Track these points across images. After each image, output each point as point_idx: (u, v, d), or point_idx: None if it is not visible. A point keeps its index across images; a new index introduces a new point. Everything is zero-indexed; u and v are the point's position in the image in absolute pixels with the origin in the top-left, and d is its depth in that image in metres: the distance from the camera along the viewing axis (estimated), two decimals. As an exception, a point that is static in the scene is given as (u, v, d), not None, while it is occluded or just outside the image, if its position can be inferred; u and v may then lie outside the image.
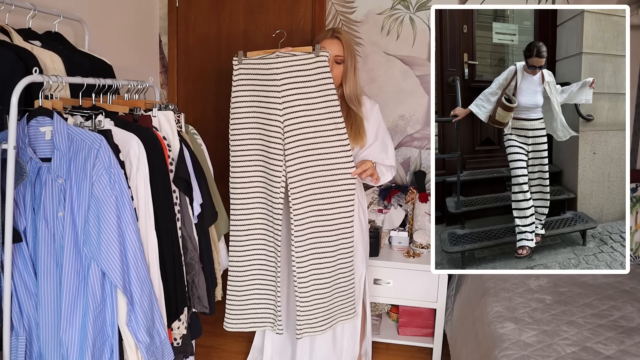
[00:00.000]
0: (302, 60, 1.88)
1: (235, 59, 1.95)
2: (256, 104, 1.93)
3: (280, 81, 1.88)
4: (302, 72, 1.88)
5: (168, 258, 1.68)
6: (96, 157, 1.42)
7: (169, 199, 1.71)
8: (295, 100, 1.88)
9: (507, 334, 1.77)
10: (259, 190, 1.98)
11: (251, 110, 1.94)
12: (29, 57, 1.60)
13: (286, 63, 1.88)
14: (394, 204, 2.79)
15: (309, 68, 1.89)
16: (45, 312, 1.48)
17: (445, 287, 2.51)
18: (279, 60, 1.88)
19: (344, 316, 2.04)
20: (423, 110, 2.88)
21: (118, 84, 1.78)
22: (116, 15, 2.58)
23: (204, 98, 3.04)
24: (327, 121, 1.91)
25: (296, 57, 1.88)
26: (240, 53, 1.94)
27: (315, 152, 1.91)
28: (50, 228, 1.45)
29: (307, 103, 1.89)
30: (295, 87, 1.89)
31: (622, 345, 1.69)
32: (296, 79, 1.88)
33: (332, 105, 1.91)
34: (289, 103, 1.88)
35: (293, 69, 1.88)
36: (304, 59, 1.88)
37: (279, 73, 1.87)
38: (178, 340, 1.78)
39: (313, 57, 1.88)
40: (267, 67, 1.89)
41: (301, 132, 1.90)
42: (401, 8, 2.81)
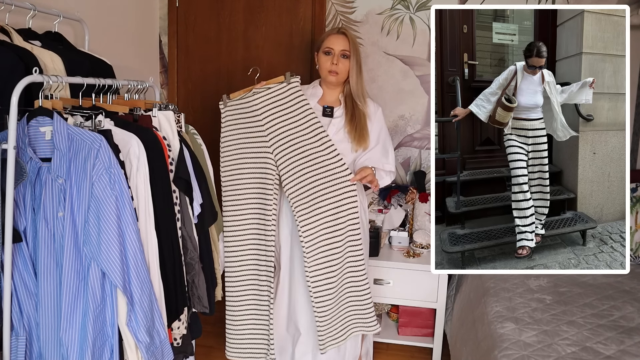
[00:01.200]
0: (276, 91, 2.04)
1: (221, 102, 2.10)
2: (244, 142, 2.06)
3: (261, 116, 2.03)
4: (278, 102, 2.03)
5: (168, 258, 1.68)
6: (96, 157, 1.42)
7: (169, 199, 1.71)
8: (279, 129, 2.02)
9: (507, 334, 1.77)
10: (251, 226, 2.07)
11: (240, 149, 2.06)
12: (29, 57, 1.59)
13: (262, 98, 2.03)
14: (394, 204, 2.79)
15: (284, 97, 2.03)
16: (45, 312, 1.48)
17: (445, 287, 2.51)
18: (255, 97, 2.03)
19: (363, 327, 2.09)
20: (423, 110, 2.88)
21: (118, 84, 1.78)
22: (116, 15, 2.58)
23: (204, 98, 3.04)
24: (314, 139, 2.02)
25: (270, 90, 2.04)
26: (225, 97, 2.09)
27: (312, 171, 2.00)
28: (50, 228, 1.45)
29: (291, 129, 2.02)
30: (276, 118, 2.03)
31: (622, 345, 1.69)
32: (275, 110, 2.03)
33: (314, 124, 2.02)
34: (274, 134, 2.02)
35: (270, 102, 2.03)
36: (278, 89, 2.04)
37: (259, 109, 2.03)
38: (178, 340, 1.78)
39: (285, 86, 2.04)
40: (247, 106, 2.05)
41: (294, 158, 2.01)
42: (401, 8, 2.81)
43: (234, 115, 2.07)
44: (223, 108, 2.09)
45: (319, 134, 2.01)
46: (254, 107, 2.04)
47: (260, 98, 2.03)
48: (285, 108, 2.03)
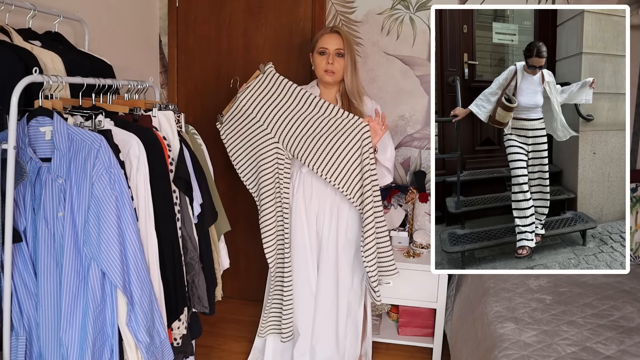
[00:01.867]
0: (257, 85, 2.10)
1: (218, 123, 2.19)
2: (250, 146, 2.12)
3: (254, 113, 2.09)
4: (263, 92, 2.09)
5: (168, 258, 1.68)
6: (96, 157, 1.42)
7: (169, 199, 1.71)
8: (276, 116, 2.07)
9: (507, 334, 1.77)
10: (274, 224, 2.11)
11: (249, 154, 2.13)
12: (29, 57, 1.59)
13: (248, 97, 2.10)
14: (394, 204, 2.79)
15: (265, 85, 2.10)
16: (45, 312, 1.48)
17: (445, 287, 2.51)
18: (241, 100, 2.11)
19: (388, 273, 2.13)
20: (423, 110, 2.88)
21: (118, 84, 1.78)
22: (116, 15, 2.58)
23: (204, 98, 3.04)
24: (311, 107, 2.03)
25: (251, 87, 2.10)
26: (219, 116, 2.19)
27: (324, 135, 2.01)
28: (50, 228, 1.45)
29: (286, 109, 2.06)
30: (268, 107, 2.08)
31: (622, 345, 1.69)
32: (264, 101, 2.09)
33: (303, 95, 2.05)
34: (273, 122, 2.07)
35: (256, 97, 2.10)
36: (258, 83, 2.10)
37: (250, 108, 2.10)
38: (178, 340, 1.78)
39: (262, 77, 2.10)
40: (239, 112, 2.12)
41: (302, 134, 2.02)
42: (401, 8, 2.81)
43: (231, 127, 2.16)
44: (220, 126, 2.18)
45: (312, 101, 2.03)
46: (245, 110, 2.10)
47: (246, 98, 2.10)
48: (272, 95, 2.08)
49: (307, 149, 2.03)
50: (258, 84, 2.10)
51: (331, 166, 2.00)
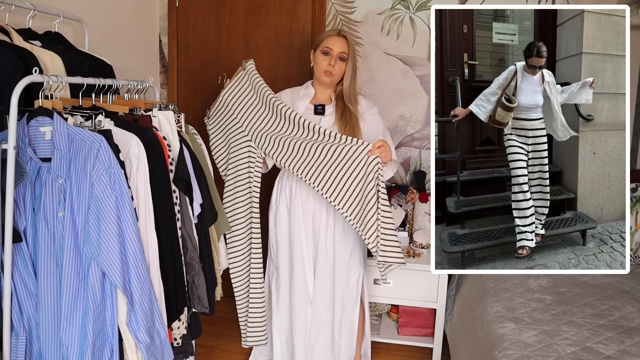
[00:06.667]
0: (237, 82, 2.13)
1: (206, 118, 2.22)
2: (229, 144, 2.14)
3: (233, 111, 2.12)
4: (240, 90, 2.12)
5: (168, 258, 1.68)
6: (96, 157, 1.42)
7: (169, 199, 1.71)
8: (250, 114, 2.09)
9: (507, 334, 1.77)
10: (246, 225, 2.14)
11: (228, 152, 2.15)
12: (29, 57, 1.59)
13: (229, 94, 2.13)
14: (394, 204, 2.79)
15: (243, 82, 2.12)
16: (45, 312, 1.48)
17: (445, 287, 2.51)
18: (223, 97, 2.14)
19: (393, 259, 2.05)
20: (423, 110, 2.88)
21: (118, 84, 1.78)
22: (116, 15, 2.58)
23: (204, 98, 3.04)
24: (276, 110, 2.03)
25: (232, 83, 2.13)
26: (207, 111, 2.21)
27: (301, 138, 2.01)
28: (50, 228, 1.45)
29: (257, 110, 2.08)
30: (244, 107, 2.11)
31: (622, 345, 1.69)
32: (240, 99, 2.12)
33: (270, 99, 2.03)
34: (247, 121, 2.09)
35: (235, 94, 2.13)
36: (238, 80, 2.13)
37: (229, 104, 2.13)
38: (178, 340, 1.78)
39: (242, 74, 2.12)
40: (223, 109, 2.15)
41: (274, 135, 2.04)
42: (401, 8, 2.81)
43: (215, 123, 2.18)
44: (207, 121, 2.21)
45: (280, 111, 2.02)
46: (226, 106, 2.14)
47: (228, 95, 2.13)
48: (248, 94, 2.11)
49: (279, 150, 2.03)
50: (238, 80, 2.13)
51: (305, 166, 1.99)
